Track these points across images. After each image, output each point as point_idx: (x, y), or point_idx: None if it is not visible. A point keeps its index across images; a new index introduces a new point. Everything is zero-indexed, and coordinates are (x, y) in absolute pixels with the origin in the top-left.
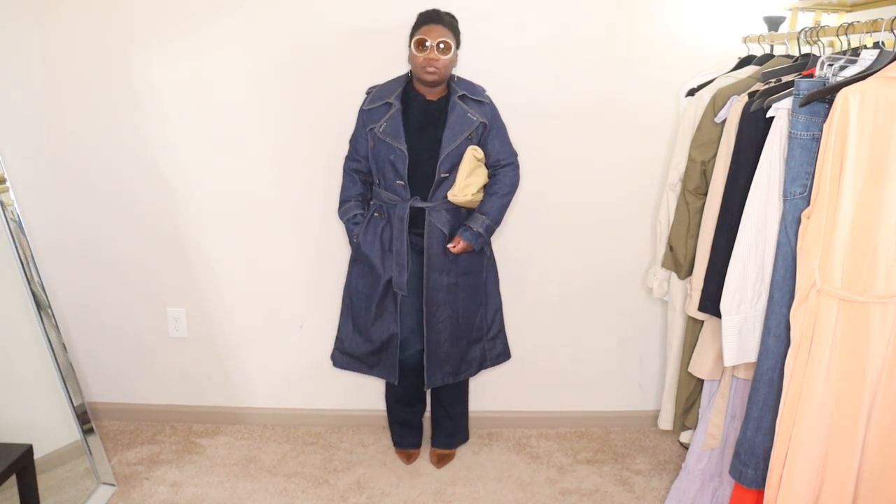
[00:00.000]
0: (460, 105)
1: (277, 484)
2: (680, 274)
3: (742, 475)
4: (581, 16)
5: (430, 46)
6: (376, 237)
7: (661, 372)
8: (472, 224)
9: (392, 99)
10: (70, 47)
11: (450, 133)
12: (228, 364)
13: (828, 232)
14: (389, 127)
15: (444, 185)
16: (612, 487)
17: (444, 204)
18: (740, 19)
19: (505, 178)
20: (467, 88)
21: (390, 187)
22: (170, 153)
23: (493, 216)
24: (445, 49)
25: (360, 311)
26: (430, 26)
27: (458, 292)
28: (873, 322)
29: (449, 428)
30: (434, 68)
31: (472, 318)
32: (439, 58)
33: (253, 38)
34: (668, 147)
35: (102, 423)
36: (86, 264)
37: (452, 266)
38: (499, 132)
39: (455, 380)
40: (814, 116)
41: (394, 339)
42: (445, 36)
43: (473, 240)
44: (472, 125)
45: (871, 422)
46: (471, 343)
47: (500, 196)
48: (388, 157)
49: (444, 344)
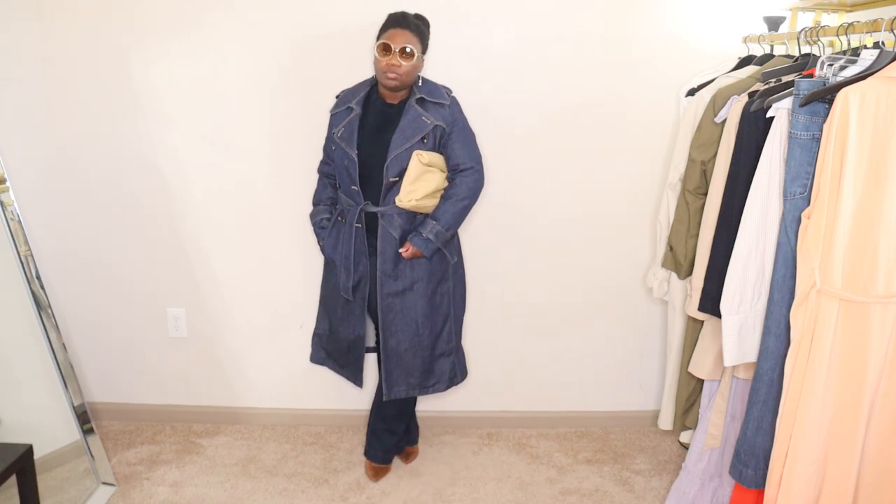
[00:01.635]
0: (415, 108)
1: (277, 484)
2: (680, 274)
3: (742, 475)
4: (580, 15)
5: (394, 52)
6: (339, 241)
7: (661, 372)
8: (423, 230)
9: (353, 103)
10: (69, 47)
11: (399, 137)
12: (228, 364)
13: (828, 232)
14: (346, 131)
15: (394, 189)
16: (612, 487)
17: (395, 209)
18: (740, 19)
19: (462, 183)
20: (428, 91)
21: (347, 192)
22: (170, 153)
23: (444, 221)
24: (409, 54)
25: (330, 311)
26: (396, 30)
27: (415, 299)
28: (873, 322)
29: (386, 442)
30: (395, 74)
31: (437, 329)
32: (401, 64)
33: (253, 38)
34: (668, 147)
35: (102, 423)
36: (86, 264)
37: (408, 271)
38: (460, 135)
39: (422, 393)
40: (814, 116)
41: (359, 343)
42: (410, 42)
43: (423, 245)
44: (424, 128)
45: (871, 422)
46: (439, 355)
47: (455, 201)
48: (343, 162)
49: (404, 354)
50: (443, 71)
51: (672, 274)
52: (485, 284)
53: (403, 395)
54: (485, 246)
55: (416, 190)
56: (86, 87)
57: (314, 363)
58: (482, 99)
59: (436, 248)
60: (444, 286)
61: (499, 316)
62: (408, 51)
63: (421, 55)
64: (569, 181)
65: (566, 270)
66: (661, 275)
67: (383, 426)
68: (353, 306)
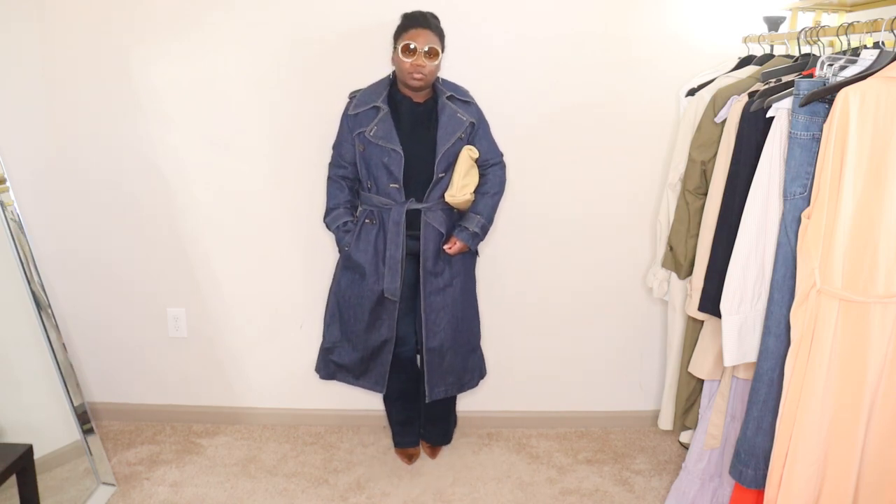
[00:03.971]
0: (450, 105)
1: (277, 484)
2: (680, 274)
3: (742, 475)
4: (580, 16)
5: (419, 52)
6: (370, 244)
7: (661, 372)
8: (468, 224)
9: (379, 102)
10: (69, 47)
11: (444, 133)
12: (228, 364)
13: (828, 232)
14: (381, 130)
15: (440, 184)
16: (612, 487)
17: (439, 204)
18: (740, 19)
19: (494, 177)
20: (453, 89)
21: (383, 191)
22: (169, 153)
23: (486, 216)
24: (433, 55)
25: (350, 320)
26: (418, 31)
27: (455, 294)
28: (873, 322)
29: (443, 428)
30: (421, 75)
31: (472, 324)
32: (426, 64)
33: (253, 38)
34: (668, 147)
35: (102, 423)
36: (86, 264)
37: (447, 267)
38: (485, 132)
39: (459, 391)
40: (814, 116)
41: (387, 346)
42: (433, 42)
43: (470, 240)
44: (462, 125)
45: (871, 422)
46: (471, 351)
47: (491, 195)
48: (382, 161)
49: (446, 353)
50: (443, 71)
51: (672, 274)
52: (484, 284)
53: (443, 396)
54: (484, 246)
55: (469, 184)
56: (86, 87)
57: (324, 379)
58: (482, 99)
59: (480, 242)
60: (471, 281)
61: (499, 316)
62: (432, 51)
63: (442, 54)
64: (569, 181)
65: (566, 270)
66: (661, 275)
67: (442, 408)
68: (387, 308)
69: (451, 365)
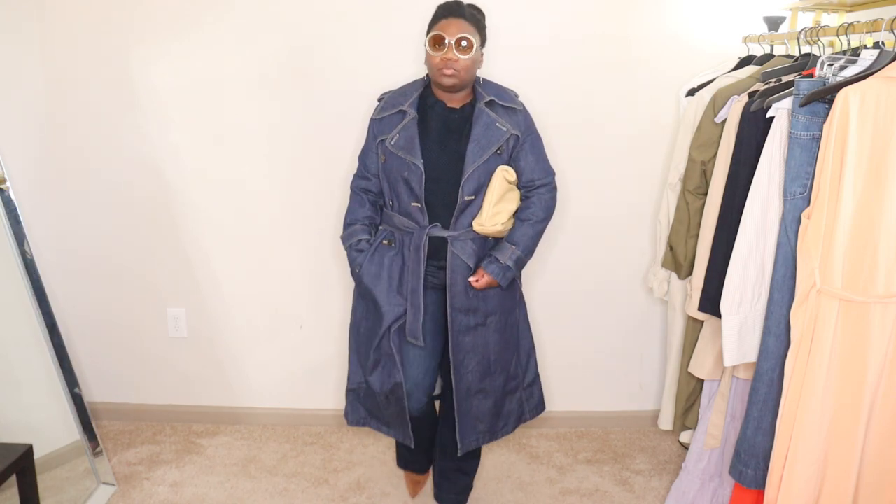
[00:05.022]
0: (487, 113)
1: (277, 484)
2: (680, 274)
3: (742, 475)
4: (580, 15)
5: (449, 44)
6: (383, 269)
7: (661, 372)
8: (500, 255)
9: (406, 106)
10: (69, 47)
11: (475, 147)
12: (228, 364)
13: (828, 232)
14: (402, 139)
15: (469, 209)
16: (612, 487)
17: (469, 233)
18: (740, 19)
19: (539, 201)
20: (496, 93)
21: (405, 211)
22: (170, 153)
23: (524, 246)
24: (467, 47)
25: (364, 355)
26: (449, 20)
27: (487, 335)
28: (873, 322)
29: (462, 483)
30: (453, 70)
31: (507, 365)
32: (459, 58)
33: (253, 37)
34: (668, 147)
35: (102, 423)
36: (86, 264)
37: (480, 304)
38: (534, 146)
39: (492, 439)
40: (814, 116)
41: (398, 391)
42: (467, 31)
43: (500, 274)
44: (501, 137)
45: (871, 422)
46: (506, 394)
47: (534, 223)
48: (402, 174)
49: (474, 397)
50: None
51: (672, 274)
52: None
53: (475, 446)
54: None
55: (503, 211)
56: (86, 87)
57: (354, 426)
58: None
59: (513, 278)
60: (513, 316)
61: None
62: (464, 43)
63: (480, 48)
64: (568, 181)
65: (566, 270)
66: (662, 275)
67: (453, 465)
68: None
69: (481, 410)
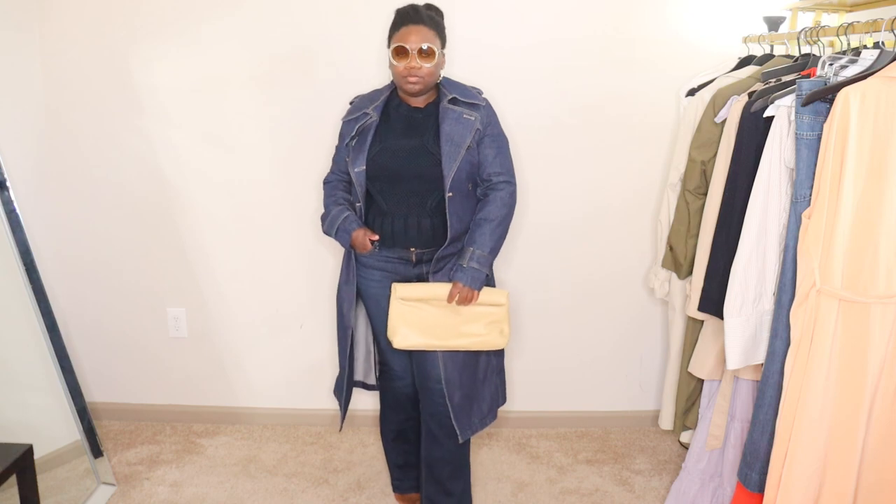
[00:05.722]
0: (452, 109)
1: (277, 484)
2: (680, 274)
3: (747, 478)
4: (580, 15)
5: (411, 54)
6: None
7: (661, 372)
8: (462, 260)
9: (370, 109)
10: (69, 47)
11: (448, 147)
12: (228, 364)
13: (828, 231)
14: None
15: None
16: (612, 487)
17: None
18: (740, 19)
19: (495, 199)
20: (460, 91)
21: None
22: (170, 153)
23: (482, 244)
24: (429, 55)
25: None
26: (409, 28)
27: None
28: (873, 322)
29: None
30: (417, 77)
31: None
32: (422, 66)
33: (253, 37)
34: (668, 147)
35: (102, 423)
36: (86, 264)
37: None
38: (495, 140)
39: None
40: (818, 116)
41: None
42: (427, 39)
43: (470, 279)
44: (471, 128)
45: (871, 422)
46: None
47: (489, 222)
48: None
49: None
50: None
51: (673, 274)
52: None
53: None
54: None
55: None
56: (86, 87)
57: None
58: None
59: (484, 276)
60: None
61: None
62: (426, 50)
63: (441, 52)
64: (569, 182)
65: (566, 270)
66: (663, 275)
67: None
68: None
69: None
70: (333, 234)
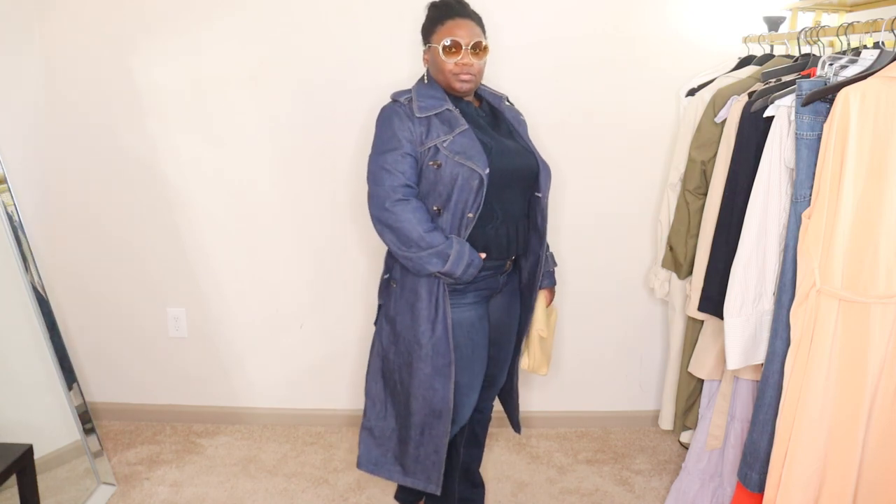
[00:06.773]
0: (510, 108)
1: (277, 484)
2: (680, 274)
3: (748, 478)
4: (580, 15)
5: (464, 49)
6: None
7: (661, 372)
8: (548, 265)
9: (449, 105)
10: (69, 47)
11: (524, 143)
12: (228, 364)
13: (828, 231)
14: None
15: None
16: (612, 487)
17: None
18: (740, 19)
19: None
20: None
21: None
22: (170, 153)
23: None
24: (483, 50)
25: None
26: (457, 21)
27: None
28: (873, 322)
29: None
30: (470, 75)
31: None
32: (474, 62)
33: (254, 37)
34: (668, 147)
35: (102, 423)
36: (86, 264)
37: None
38: None
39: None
40: (818, 116)
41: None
42: (479, 35)
43: (553, 279)
44: (527, 127)
45: (871, 422)
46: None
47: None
48: (470, 184)
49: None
50: None
51: (673, 274)
52: None
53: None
54: None
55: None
56: (86, 86)
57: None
58: None
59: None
60: None
61: None
62: (481, 46)
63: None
64: (569, 182)
65: (566, 270)
66: (663, 275)
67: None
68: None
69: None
70: (461, 272)
